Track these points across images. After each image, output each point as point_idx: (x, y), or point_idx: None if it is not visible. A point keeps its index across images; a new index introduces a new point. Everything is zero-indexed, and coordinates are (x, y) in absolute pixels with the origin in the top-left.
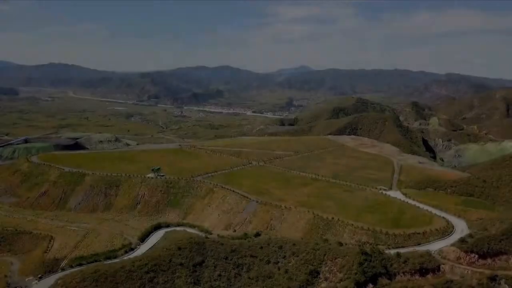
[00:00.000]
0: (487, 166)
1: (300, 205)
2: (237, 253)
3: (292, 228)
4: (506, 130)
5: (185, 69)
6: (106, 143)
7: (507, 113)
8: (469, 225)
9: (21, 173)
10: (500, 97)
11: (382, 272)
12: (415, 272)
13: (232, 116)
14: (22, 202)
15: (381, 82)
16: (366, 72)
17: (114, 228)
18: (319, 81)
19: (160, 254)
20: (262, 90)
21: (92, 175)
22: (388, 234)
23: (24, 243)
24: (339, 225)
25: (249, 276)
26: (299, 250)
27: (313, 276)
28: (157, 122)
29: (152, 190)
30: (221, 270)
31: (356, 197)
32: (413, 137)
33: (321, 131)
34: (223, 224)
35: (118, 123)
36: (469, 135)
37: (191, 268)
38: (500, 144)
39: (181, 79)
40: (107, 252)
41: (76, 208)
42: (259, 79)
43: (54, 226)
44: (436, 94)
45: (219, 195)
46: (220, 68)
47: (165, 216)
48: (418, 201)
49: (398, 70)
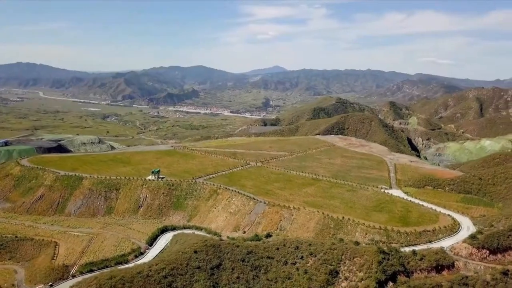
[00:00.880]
0: (478, 164)
1: (307, 205)
2: (253, 255)
3: (303, 229)
4: (481, 129)
5: (159, 69)
6: (89, 145)
7: (480, 112)
8: (474, 222)
9: (13, 177)
10: (473, 97)
11: (400, 270)
12: (431, 269)
13: (210, 117)
14: (16, 208)
15: (354, 82)
16: (339, 72)
17: (119, 232)
18: (294, 82)
19: (177, 258)
20: (237, 90)
21: (90, 179)
22: (399, 233)
23: (26, 250)
24: (350, 225)
25: (267, 278)
26: (316, 250)
27: (332, 276)
28: (134, 123)
29: (154, 192)
30: (239, 272)
31: (360, 196)
32: (398, 137)
33: (308, 131)
34: (231, 226)
35: (95, 124)
36: (447, 134)
37: (208, 271)
38: (479, 142)
39: (155, 79)
40: (116, 257)
41: (75, 212)
42: (234, 79)
43: (55, 232)
44: (408, 94)
45: (224, 196)
46: (194, 68)
47: (169, 219)
48: (420, 200)
49: (370, 70)
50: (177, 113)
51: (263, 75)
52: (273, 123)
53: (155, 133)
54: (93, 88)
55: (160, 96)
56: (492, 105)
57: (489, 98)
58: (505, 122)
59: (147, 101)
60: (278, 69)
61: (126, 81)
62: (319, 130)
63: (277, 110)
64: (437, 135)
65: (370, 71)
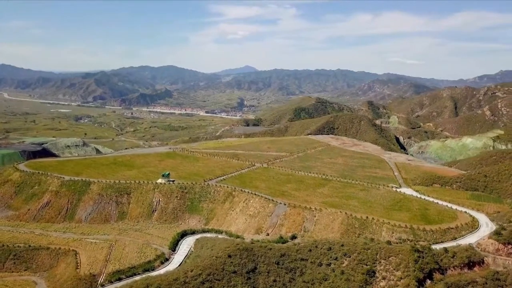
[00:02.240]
0: (476, 162)
1: (326, 206)
2: (287, 257)
3: (327, 229)
4: (459, 127)
5: (129, 69)
6: (74, 148)
7: (455, 110)
8: (491, 218)
9: (13, 184)
10: (447, 96)
11: (435, 268)
12: (464, 266)
13: (186, 117)
14: (21, 215)
15: (325, 82)
16: (310, 72)
17: (137, 238)
18: (267, 82)
19: (211, 263)
20: (211, 90)
21: (98, 183)
22: (425, 231)
23: (43, 260)
24: (374, 224)
25: (303, 280)
26: (349, 250)
27: (370, 276)
28: (110, 125)
29: (167, 196)
30: (274, 275)
31: (375, 195)
32: (387, 136)
33: (298, 131)
34: (253, 228)
35: (70, 126)
36: (426, 132)
37: (244, 275)
38: (460, 140)
39: (126, 79)
40: (143, 264)
41: (86, 219)
42: (206, 79)
43: (71, 240)
44: (380, 93)
45: (240, 199)
46: (165, 68)
47: (185, 223)
48: (433, 197)
49: (340, 70)
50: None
51: (235, 75)
52: (255, 123)
53: (133, 135)
54: (62, 89)
55: (133, 96)
56: (466, 104)
57: (462, 97)
58: (481, 120)
59: (120, 102)
60: (249, 69)
61: (97, 81)
62: (310, 130)
63: (252, 110)
64: (417, 133)
65: (340, 71)
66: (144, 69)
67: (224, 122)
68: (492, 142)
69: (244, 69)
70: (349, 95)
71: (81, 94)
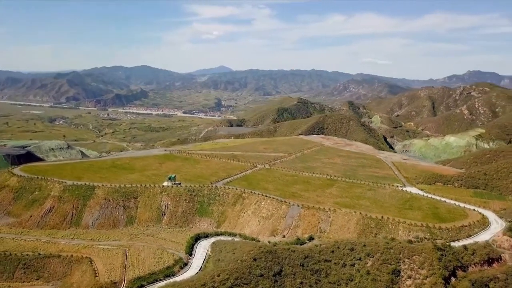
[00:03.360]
0: (470, 160)
1: (340, 206)
2: (311, 259)
3: (343, 230)
4: (439, 126)
5: (101, 69)
6: (58, 151)
7: (433, 109)
8: (499, 215)
9: (11, 189)
10: (425, 96)
11: (458, 265)
12: (483, 263)
13: (163, 118)
14: (24, 222)
15: (301, 82)
16: (285, 72)
17: (150, 243)
18: (243, 82)
19: (237, 267)
20: (187, 91)
21: (102, 187)
22: (441, 229)
23: (55, 268)
24: (390, 223)
25: (329, 281)
26: (372, 250)
27: (395, 275)
28: (87, 126)
29: (176, 199)
30: (301, 277)
31: (383, 195)
32: (375, 135)
33: (287, 132)
34: (268, 231)
35: (46, 128)
36: (408, 131)
37: (271, 278)
38: (443, 139)
39: (99, 80)
40: (163, 270)
41: (94, 224)
42: (181, 79)
43: (81, 246)
44: (355, 93)
45: (251, 201)
46: (139, 68)
47: (196, 226)
48: (438, 196)
49: (315, 70)
50: (128, 114)
51: (210, 75)
52: (239, 123)
53: (113, 136)
54: (33, 89)
55: (108, 97)
56: (443, 103)
57: (439, 97)
58: (460, 119)
59: (95, 102)
60: (224, 69)
61: (69, 82)
62: (301, 130)
63: (230, 110)
64: (400, 132)
65: (315, 71)
66: (117, 69)
67: (206, 123)
68: (475, 140)
69: (219, 69)
70: (325, 95)
71: (53, 95)
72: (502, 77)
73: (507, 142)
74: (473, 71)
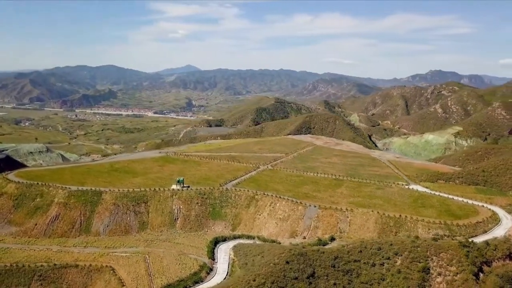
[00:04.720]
0: (462, 158)
1: (355, 205)
2: (340, 260)
3: (363, 229)
4: (414, 124)
5: (65, 69)
6: (37, 154)
7: (406, 108)
8: (507, 211)
9: (10, 196)
10: (398, 95)
11: (483, 261)
12: (506, 257)
13: (136, 118)
14: (28, 231)
15: (270, 81)
16: (254, 72)
17: (169, 248)
18: (212, 81)
19: (272, 270)
20: (156, 90)
21: (110, 193)
22: (458, 226)
23: (74, 279)
24: (409, 222)
25: (361, 281)
26: (399, 249)
27: (425, 273)
28: (56, 128)
29: (188, 203)
30: (334, 279)
31: (393, 193)
32: (361, 134)
33: (274, 132)
34: (287, 232)
35: (15, 130)
36: (385, 130)
37: (305, 280)
38: (422, 137)
39: (64, 79)
40: (191, 276)
41: (105, 231)
42: (148, 79)
43: (97, 255)
44: (325, 92)
45: (265, 202)
46: (104, 67)
47: (211, 230)
48: (445, 193)
49: (283, 70)
50: (96, 115)
51: (178, 74)
52: (218, 124)
53: (86, 138)
54: None
55: (74, 97)
56: (416, 102)
57: (412, 96)
58: (434, 117)
59: (61, 103)
60: (191, 68)
61: (32, 82)
62: (289, 130)
63: (202, 110)
64: (378, 131)
65: (283, 70)
66: (82, 68)
67: (182, 123)
68: (454, 138)
69: (186, 68)
70: (295, 94)
71: (15, 96)
72: (461, 76)
73: (483, 139)
74: (435, 71)
